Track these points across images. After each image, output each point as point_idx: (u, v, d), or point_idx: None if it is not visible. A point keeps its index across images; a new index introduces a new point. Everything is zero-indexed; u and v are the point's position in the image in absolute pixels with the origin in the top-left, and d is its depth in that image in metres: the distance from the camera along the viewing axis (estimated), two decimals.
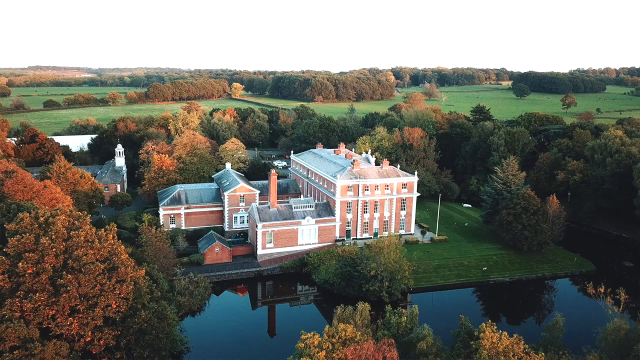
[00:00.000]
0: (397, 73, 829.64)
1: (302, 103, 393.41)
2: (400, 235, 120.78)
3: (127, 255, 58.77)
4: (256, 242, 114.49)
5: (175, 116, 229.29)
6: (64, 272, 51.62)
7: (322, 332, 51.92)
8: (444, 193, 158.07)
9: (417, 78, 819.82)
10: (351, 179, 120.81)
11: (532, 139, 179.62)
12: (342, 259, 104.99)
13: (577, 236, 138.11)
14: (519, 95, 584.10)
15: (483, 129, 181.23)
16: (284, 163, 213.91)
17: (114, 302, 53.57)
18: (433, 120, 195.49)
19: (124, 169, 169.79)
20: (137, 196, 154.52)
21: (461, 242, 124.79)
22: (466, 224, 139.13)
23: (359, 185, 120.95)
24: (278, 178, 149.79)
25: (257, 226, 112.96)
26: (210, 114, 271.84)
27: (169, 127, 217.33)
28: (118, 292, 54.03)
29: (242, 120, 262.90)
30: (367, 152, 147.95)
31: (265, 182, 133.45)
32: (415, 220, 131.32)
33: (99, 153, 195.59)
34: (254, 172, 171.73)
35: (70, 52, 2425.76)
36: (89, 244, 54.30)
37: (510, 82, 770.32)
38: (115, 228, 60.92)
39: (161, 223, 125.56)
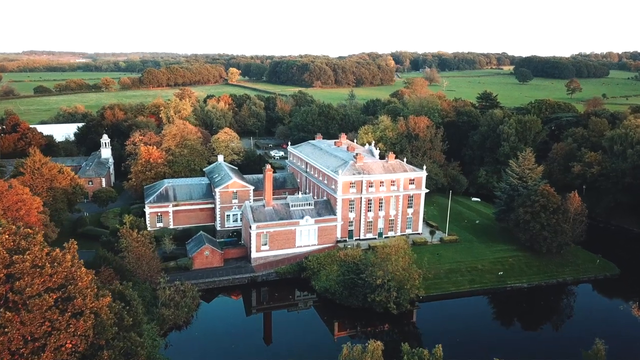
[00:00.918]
0: (397, 57, 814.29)
1: (300, 89, 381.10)
2: (407, 236, 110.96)
3: (89, 279, 48.38)
4: (250, 244, 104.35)
5: (167, 103, 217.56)
6: (2, 309, 41.44)
7: None
8: (451, 186, 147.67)
9: (417, 63, 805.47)
10: (354, 174, 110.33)
11: (544, 128, 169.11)
12: (345, 265, 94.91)
13: (596, 234, 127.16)
14: (522, 80, 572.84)
15: (492, 118, 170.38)
16: (281, 153, 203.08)
17: (68, 342, 43.21)
18: (439, 108, 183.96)
19: (111, 160, 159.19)
20: (123, 191, 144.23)
21: (473, 243, 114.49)
22: (477, 222, 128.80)
23: (362, 182, 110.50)
24: (274, 170, 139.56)
25: (250, 227, 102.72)
26: (204, 100, 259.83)
27: (160, 115, 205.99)
28: (74, 328, 43.65)
29: (237, 108, 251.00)
30: (369, 143, 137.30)
31: (261, 176, 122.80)
32: (423, 218, 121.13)
33: (86, 143, 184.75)
34: (249, 165, 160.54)
35: (66, 36, 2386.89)
36: (38, 270, 43.88)
37: (511, 67, 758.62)
38: (76, 246, 50.50)
39: (147, 222, 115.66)
